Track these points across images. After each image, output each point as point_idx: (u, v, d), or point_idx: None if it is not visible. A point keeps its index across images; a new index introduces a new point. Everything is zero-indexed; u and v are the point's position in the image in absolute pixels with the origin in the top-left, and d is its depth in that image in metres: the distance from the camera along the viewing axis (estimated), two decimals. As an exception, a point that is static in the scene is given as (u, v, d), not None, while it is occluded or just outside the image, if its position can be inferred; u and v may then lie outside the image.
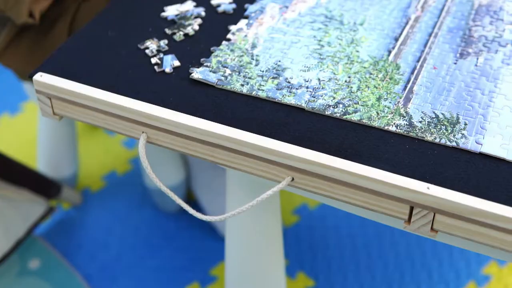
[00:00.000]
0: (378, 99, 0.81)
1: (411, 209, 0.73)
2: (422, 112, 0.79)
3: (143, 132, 0.81)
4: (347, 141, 0.76)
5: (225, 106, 0.81)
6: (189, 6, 0.96)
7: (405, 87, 0.83)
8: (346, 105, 0.80)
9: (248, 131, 0.77)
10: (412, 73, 0.85)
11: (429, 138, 0.76)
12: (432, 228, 0.73)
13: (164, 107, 0.80)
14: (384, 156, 0.75)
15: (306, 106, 0.80)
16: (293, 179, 0.76)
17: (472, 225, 0.70)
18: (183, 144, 0.80)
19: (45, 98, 0.85)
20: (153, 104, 0.80)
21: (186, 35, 0.91)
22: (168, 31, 0.92)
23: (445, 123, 0.78)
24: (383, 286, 1.37)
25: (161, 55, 0.88)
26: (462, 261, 1.41)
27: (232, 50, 0.88)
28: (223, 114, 0.80)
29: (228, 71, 0.85)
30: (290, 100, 0.81)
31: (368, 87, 0.82)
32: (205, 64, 0.86)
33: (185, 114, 0.79)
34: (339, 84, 0.83)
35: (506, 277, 1.39)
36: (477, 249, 0.77)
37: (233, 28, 0.92)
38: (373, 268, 1.41)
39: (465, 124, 0.78)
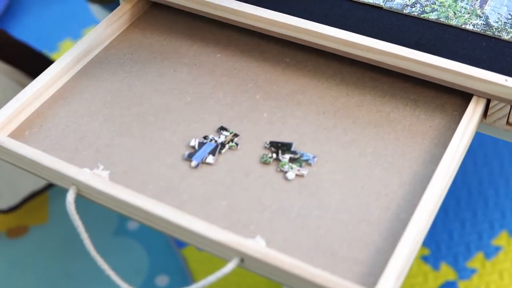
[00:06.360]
0: (455, 0, 0.82)
1: (488, 102, 0.74)
2: (498, 13, 0.80)
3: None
4: (425, 37, 0.78)
5: (302, 2, 0.82)
6: None
7: (481, -10, 0.84)
8: (424, 5, 0.81)
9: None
10: (487, -21, 0.85)
11: (505, 37, 0.77)
12: (507, 122, 0.75)
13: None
14: (462, 52, 0.76)
15: (384, 5, 0.81)
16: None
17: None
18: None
19: None
20: None
21: None
22: None
23: (521, 24, 0.79)
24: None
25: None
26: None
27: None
28: (301, 9, 0.81)
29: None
30: (368, -1, 0.82)
31: (445, -10, 0.84)
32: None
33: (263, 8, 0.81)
34: (416, -13, 0.84)
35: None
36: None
37: None
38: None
39: (541, 25, 0.79)
